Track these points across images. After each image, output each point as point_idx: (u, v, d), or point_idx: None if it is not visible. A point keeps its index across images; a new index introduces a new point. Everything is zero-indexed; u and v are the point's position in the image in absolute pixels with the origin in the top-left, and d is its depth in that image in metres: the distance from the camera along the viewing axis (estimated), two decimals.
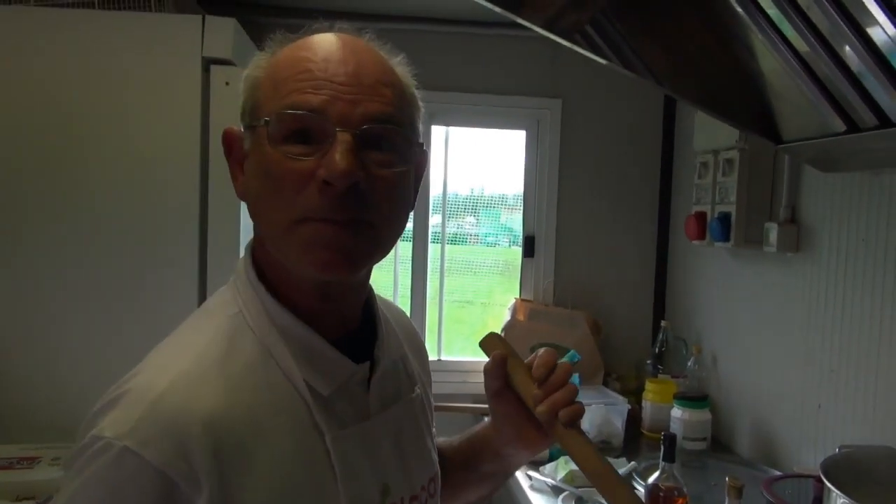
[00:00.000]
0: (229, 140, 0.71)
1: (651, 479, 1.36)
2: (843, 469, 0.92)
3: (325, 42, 0.67)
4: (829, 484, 0.87)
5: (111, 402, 0.61)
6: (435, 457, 0.82)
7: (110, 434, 0.58)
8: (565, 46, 1.35)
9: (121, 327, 1.60)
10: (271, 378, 0.65)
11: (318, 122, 0.63)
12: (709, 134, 1.97)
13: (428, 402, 0.86)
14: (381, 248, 0.68)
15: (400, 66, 0.71)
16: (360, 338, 0.73)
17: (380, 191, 0.65)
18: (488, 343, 0.80)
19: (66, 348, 1.61)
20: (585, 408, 0.78)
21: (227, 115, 1.59)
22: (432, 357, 2.46)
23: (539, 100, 2.38)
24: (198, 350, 0.64)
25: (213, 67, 1.63)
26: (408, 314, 2.39)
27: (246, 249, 0.74)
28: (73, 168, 1.60)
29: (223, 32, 1.62)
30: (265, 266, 0.70)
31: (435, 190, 2.45)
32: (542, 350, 0.77)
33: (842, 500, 0.85)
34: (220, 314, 0.68)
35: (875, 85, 1.11)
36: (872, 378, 1.46)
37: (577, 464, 0.74)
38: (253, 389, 0.63)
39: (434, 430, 0.87)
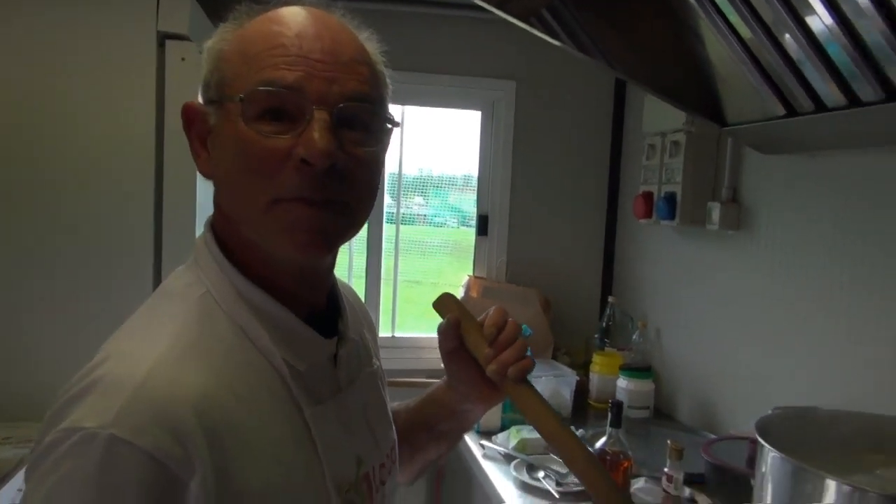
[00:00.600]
0: (190, 115, 0.69)
1: (598, 444, 1.43)
2: (776, 428, 0.99)
3: (298, 16, 0.65)
4: (762, 440, 0.94)
5: (82, 393, 0.57)
6: (393, 425, 0.85)
7: (92, 424, 0.54)
8: (521, 28, 1.38)
9: (76, 313, 1.58)
10: (249, 357, 0.65)
11: (294, 100, 0.62)
12: (657, 116, 2.04)
13: (382, 373, 0.88)
14: (355, 228, 0.69)
15: (369, 42, 0.70)
16: (324, 315, 0.74)
17: (355, 171, 0.65)
18: (442, 303, 0.81)
19: (18, 341, 1.57)
20: (536, 380, 0.83)
21: (184, 92, 1.57)
22: (386, 334, 2.50)
23: (494, 81, 2.42)
24: (173, 333, 0.62)
25: (169, 43, 1.61)
26: (362, 293, 2.43)
27: (205, 227, 0.71)
28: (21, 149, 1.56)
29: (179, 6, 1.59)
30: (231, 244, 0.69)
31: (388, 169, 2.47)
32: (492, 309, 0.80)
33: (773, 455, 0.92)
34: (187, 296, 0.66)
35: (812, 72, 1.18)
36: (803, 346, 1.56)
37: (526, 417, 0.77)
38: (234, 370, 0.63)
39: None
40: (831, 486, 0.85)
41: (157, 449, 0.54)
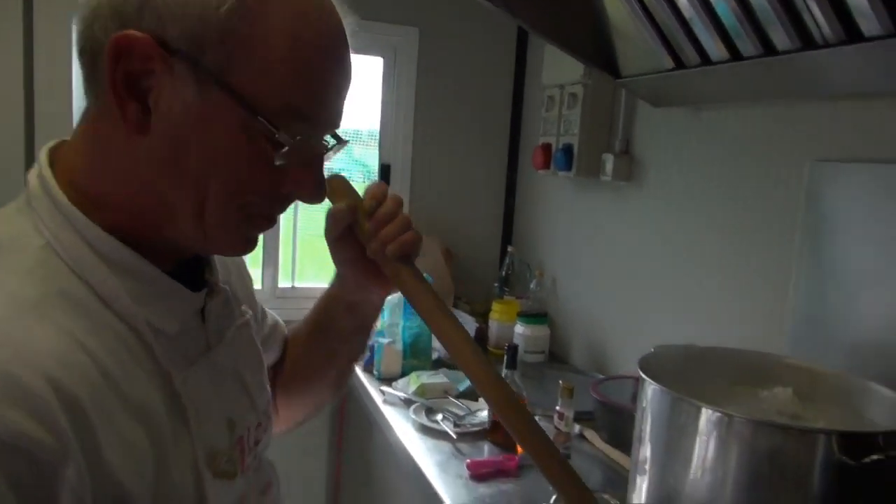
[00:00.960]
0: (128, 49, 0.54)
1: None
2: (656, 364, 1.06)
3: (336, 34, 0.61)
4: (642, 374, 1.01)
5: None
6: (267, 379, 0.80)
7: None
8: None
9: None
10: (104, 320, 0.56)
11: (318, 141, 0.63)
12: (556, 68, 2.07)
13: (257, 322, 0.82)
14: None
15: None
16: (189, 263, 0.67)
17: None
18: (332, 187, 0.75)
19: None
20: None
21: (53, 25, 1.45)
22: (286, 284, 2.46)
23: (397, 27, 2.38)
24: (8, 291, 0.52)
25: None
26: (260, 246, 2.35)
27: (42, 161, 0.60)
28: None
29: None
30: (84, 189, 0.58)
31: None
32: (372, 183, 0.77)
33: (652, 388, 0.99)
34: (22, 247, 0.56)
35: (701, 28, 1.24)
36: (686, 291, 1.66)
37: (407, 299, 0.74)
38: (89, 335, 0.54)
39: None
40: (703, 414, 0.93)
41: (13, 434, 0.45)
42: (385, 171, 2.47)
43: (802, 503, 0.89)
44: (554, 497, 1.08)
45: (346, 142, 0.66)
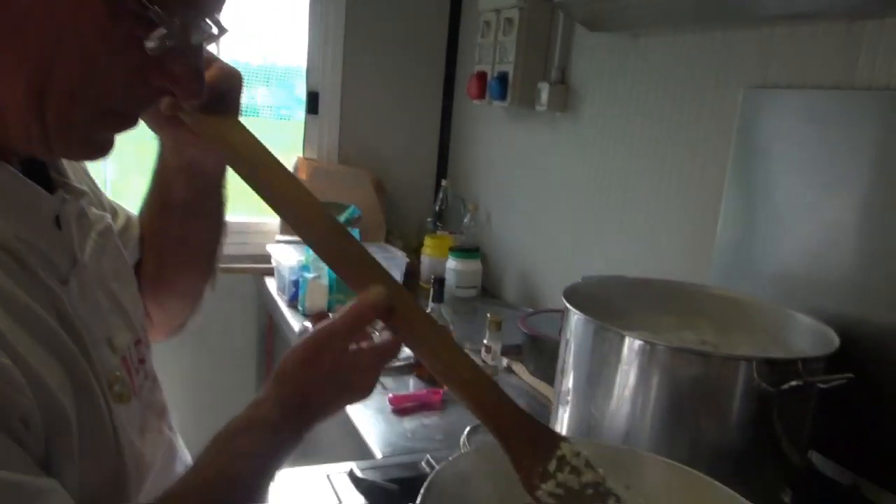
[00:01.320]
0: None
1: None
2: (582, 294, 1.02)
3: None
4: (567, 304, 0.97)
5: None
6: (138, 289, 0.73)
7: None
8: None
9: None
10: None
11: (202, 27, 0.52)
12: None
13: (121, 225, 0.74)
14: None
15: None
16: (31, 161, 0.58)
17: None
18: None
19: None
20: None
21: None
22: None
23: None
24: None
25: None
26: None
27: None
28: None
29: None
30: None
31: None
32: None
33: (576, 317, 0.95)
34: None
35: None
36: (618, 223, 1.64)
37: (222, 152, 0.64)
38: None
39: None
40: (626, 342, 0.90)
41: None
42: (313, 99, 2.34)
43: (723, 430, 0.88)
44: (469, 428, 1.05)
45: (227, 30, 0.56)
